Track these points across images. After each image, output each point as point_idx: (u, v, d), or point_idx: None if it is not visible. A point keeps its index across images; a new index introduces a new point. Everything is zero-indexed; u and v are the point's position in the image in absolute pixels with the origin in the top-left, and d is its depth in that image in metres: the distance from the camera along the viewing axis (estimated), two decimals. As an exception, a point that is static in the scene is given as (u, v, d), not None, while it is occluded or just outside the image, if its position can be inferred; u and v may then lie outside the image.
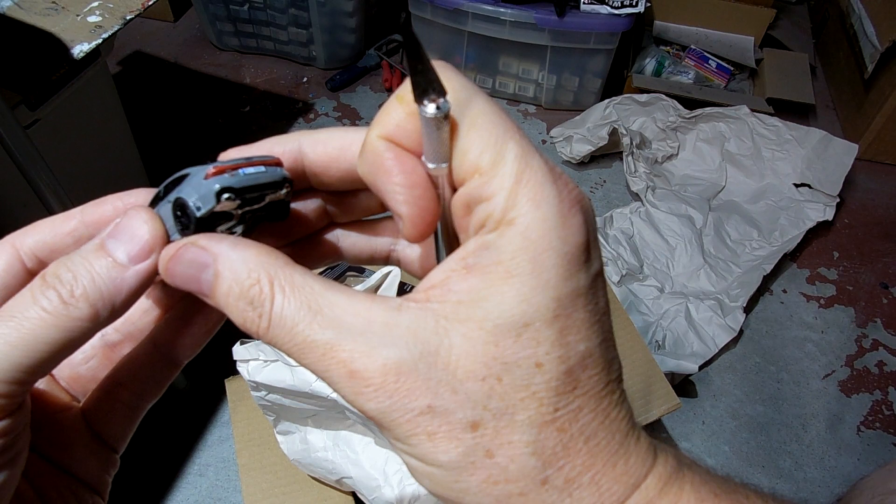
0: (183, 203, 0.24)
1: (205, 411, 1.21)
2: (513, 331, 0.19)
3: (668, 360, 1.21)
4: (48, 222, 0.26)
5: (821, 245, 1.61)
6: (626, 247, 1.47)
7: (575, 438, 0.20)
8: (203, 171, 0.24)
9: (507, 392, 0.19)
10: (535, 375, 0.20)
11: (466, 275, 0.20)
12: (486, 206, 0.20)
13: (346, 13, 1.80)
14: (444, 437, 0.20)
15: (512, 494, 0.20)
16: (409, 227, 0.21)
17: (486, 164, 0.20)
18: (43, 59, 0.92)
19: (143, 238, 0.23)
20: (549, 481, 0.20)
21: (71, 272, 0.22)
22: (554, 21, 1.62)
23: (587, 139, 1.68)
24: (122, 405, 0.27)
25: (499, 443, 0.20)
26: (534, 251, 0.19)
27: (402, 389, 0.19)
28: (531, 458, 0.20)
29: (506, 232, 0.20)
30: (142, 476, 1.13)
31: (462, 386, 0.19)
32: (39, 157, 0.85)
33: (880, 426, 1.29)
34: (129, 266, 0.23)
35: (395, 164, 0.21)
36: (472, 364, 0.19)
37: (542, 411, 0.20)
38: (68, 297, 0.22)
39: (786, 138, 1.63)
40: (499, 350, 0.19)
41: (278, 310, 0.21)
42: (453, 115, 0.20)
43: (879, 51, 1.66)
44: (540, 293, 0.19)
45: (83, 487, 0.26)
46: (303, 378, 0.59)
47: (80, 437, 0.27)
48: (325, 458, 0.66)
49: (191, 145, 1.70)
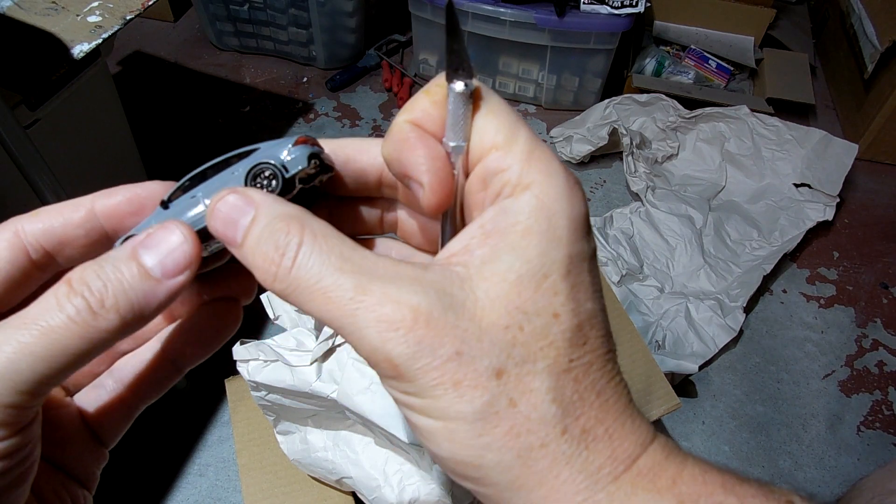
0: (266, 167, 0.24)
1: (205, 411, 1.21)
2: (533, 281, 0.21)
3: (668, 360, 1.21)
4: (55, 209, 0.25)
5: (821, 245, 1.61)
6: (626, 247, 1.47)
7: (588, 391, 0.21)
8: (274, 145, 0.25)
9: (528, 340, 0.21)
10: (553, 325, 0.21)
11: (486, 238, 0.21)
12: (503, 175, 0.22)
13: (346, 13, 1.80)
14: (470, 385, 0.20)
15: (534, 446, 0.21)
16: (430, 193, 0.22)
17: (501, 141, 0.22)
18: (43, 59, 0.92)
19: (180, 254, 0.23)
20: (568, 430, 0.21)
21: (101, 280, 0.22)
22: (554, 21, 1.62)
23: (587, 139, 1.68)
24: (120, 404, 0.27)
25: (521, 390, 0.20)
26: (548, 212, 0.21)
27: (430, 335, 0.20)
28: (552, 405, 0.21)
29: (522, 195, 0.22)
30: (142, 476, 1.12)
31: (487, 334, 0.20)
32: (39, 157, 0.85)
33: (880, 426, 1.29)
34: (161, 280, 0.22)
35: (420, 140, 0.23)
36: (497, 314, 0.20)
37: (559, 360, 0.21)
38: (97, 307, 0.21)
39: (786, 138, 1.63)
40: (521, 299, 0.21)
41: (306, 253, 0.21)
42: None
43: (879, 51, 1.66)
44: (555, 248, 0.21)
45: (72, 481, 0.26)
46: (303, 378, 0.59)
47: (77, 435, 0.27)
48: (325, 458, 0.66)
49: (191, 145, 1.70)
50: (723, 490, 0.21)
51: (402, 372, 0.20)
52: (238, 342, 0.63)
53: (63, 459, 0.26)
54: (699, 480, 0.21)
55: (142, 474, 1.13)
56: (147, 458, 1.14)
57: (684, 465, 0.22)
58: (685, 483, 0.21)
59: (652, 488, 0.21)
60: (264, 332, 1.30)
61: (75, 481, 0.26)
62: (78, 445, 0.27)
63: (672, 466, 0.22)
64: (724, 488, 0.21)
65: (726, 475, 0.22)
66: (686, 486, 0.21)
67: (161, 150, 1.64)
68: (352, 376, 0.58)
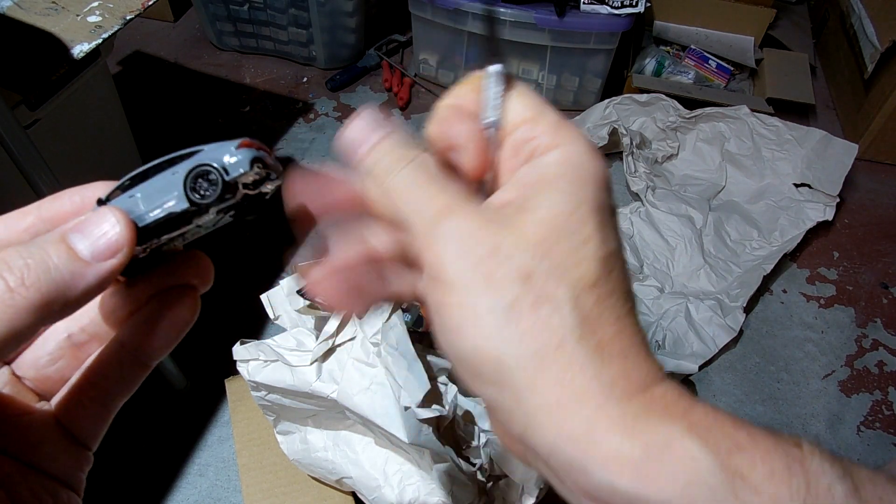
0: (206, 170, 0.24)
1: (205, 411, 1.21)
2: (566, 212, 0.23)
3: (668, 360, 1.21)
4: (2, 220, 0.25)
5: (821, 245, 1.61)
6: (626, 247, 1.47)
7: (608, 312, 0.23)
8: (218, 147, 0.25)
9: (561, 254, 0.23)
10: (585, 247, 0.23)
11: (524, 188, 0.24)
12: (532, 142, 0.25)
13: (346, 13, 1.80)
14: (500, 280, 0.22)
15: (550, 347, 0.22)
16: (474, 157, 0.26)
17: (531, 115, 0.26)
18: (43, 59, 0.92)
19: (112, 236, 0.23)
20: (584, 338, 0.22)
21: (23, 259, 0.21)
22: (554, 21, 1.62)
23: (587, 139, 1.68)
24: (92, 404, 0.27)
25: (545, 295, 0.22)
26: (576, 166, 0.24)
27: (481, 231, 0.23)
28: (571, 313, 0.22)
29: (551, 153, 0.25)
30: (142, 476, 1.12)
31: (524, 242, 0.23)
32: (39, 157, 0.85)
33: (880, 426, 1.29)
34: (91, 263, 0.22)
35: (461, 117, 0.26)
36: (535, 231, 0.23)
37: (585, 278, 0.23)
38: (16, 285, 0.21)
39: (786, 138, 1.63)
40: (556, 222, 0.23)
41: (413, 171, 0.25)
42: None
43: (879, 51, 1.66)
44: (584, 189, 0.24)
45: (57, 484, 0.26)
46: (303, 378, 0.59)
47: (51, 436, 0.26)
48: (325, 458, 0.66)
49: (191, 145, 1.70)
50: (733, 426, 0.22)
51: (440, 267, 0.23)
52: (238, 342, 0.63)
53: (40, 461, 0.26)
54: (711, 415, 0.22)
55: (142, 474, 1.13)
56: (147, 458, 1.14)
57: (696, 403, 0.23)
58: (698, 414, 0.22)
59: (664, 413, 0.22)
60: (264, 332, 1.30)
61: (60, 483, 0.26)
62: (53, 447, 0.26)
63: (684, 401, 0.22)
64: (734, 424, 0.22)
65: (736, 417, 0.22)
66: (699, 417, 0.22)
67: (161, 151, 1.62)
68: (352, 376, 0.58)
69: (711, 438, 0.21)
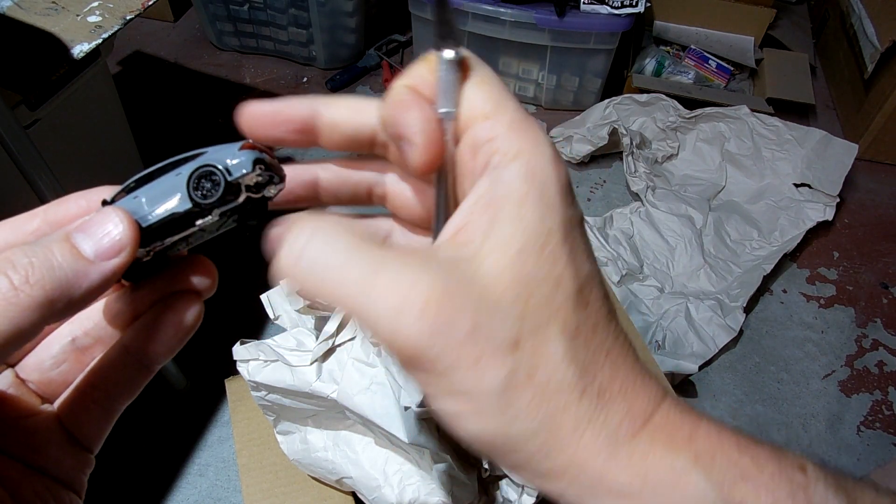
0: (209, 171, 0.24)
1: (205, 411, 1.21)
2: (534, 251, 0.21)
3: (667, 360, 1.21)
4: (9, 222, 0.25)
5: (821, 245, 1.61)
6: (626, 247, 1.47)
7: (598, 351, 0.22)
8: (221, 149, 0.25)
9: (537, 309, 0.21)
10: (557, 292, 0.21)
11: (485, 211, 0.22)
12: (491, 144, 0.22)
13: (346, 13, 1.80)
14: (489, 360, 0.20)
15: (556, 411, 0.21)
16: (422, 152, 0.23)
17: (490, 110, 0.23)
18: (43, 59, 0.92)
19: (115, 235, 0.23)
20: (586, 391, 0.21)
21: (27, 258, 0.21)
22: (554, 21, 1.62)
23: (587, 139, 1.68)
24: (95, 407, 0.27)
25: (538, 358, 0.21)
26: (538, 180, 0.22)
27: (443, 316, 0.20)
28: (569, 368, 0.21)
29: (512, 165, 0.22)
30: (142, 476, 1.13)
31: (498, 308, 0.21)
32: (39, 157, 0.85)
33: (880, 426, 1.29)
34: (94, 262, 0.22)
35: (414, 102, 0.24)
36: (504, 287, 0.21)
37: (568, 324, 0.21)
38: (21, 283, 0.21)
39: (786, 138, 1.63)
40: (526, 269, 0.21)
41: (317, 245, 0.22)
42: None
43: (879, 51, 1.66)
44: (550, 215, 0.22)
45: (59, 486, 0.26)
46: (303, 378, 0.59)
47: (54, 438, 0.27)
48: (325, 458, 0.66)
49: (191, 145, 1.69)
50: (737, 449, 0.21)
51: (421, 356, 0.20)
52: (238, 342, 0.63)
53: (43, 463, 0.26)
54: (715, 438, 0.22)
55: (142, 474, 1.13)
56: (147, 458, 1.14)
57: (699, 423, 0.22)
58: (701, 440, 0.22)
59: (669, 443, 0.21)
60: (264, 332, 1.30)
61: (62, 485, 0.26)
62: (55, 450, 0.26)
63: (687, 423, 0.22)
64: (738, 448, 0.21)
65: (741, 436, 0.22)
66: (702, 443, 0.21)
67: (161, 151, 1.63)
68: (352, 376, 0.58)
69: (716, 469, 0.21)
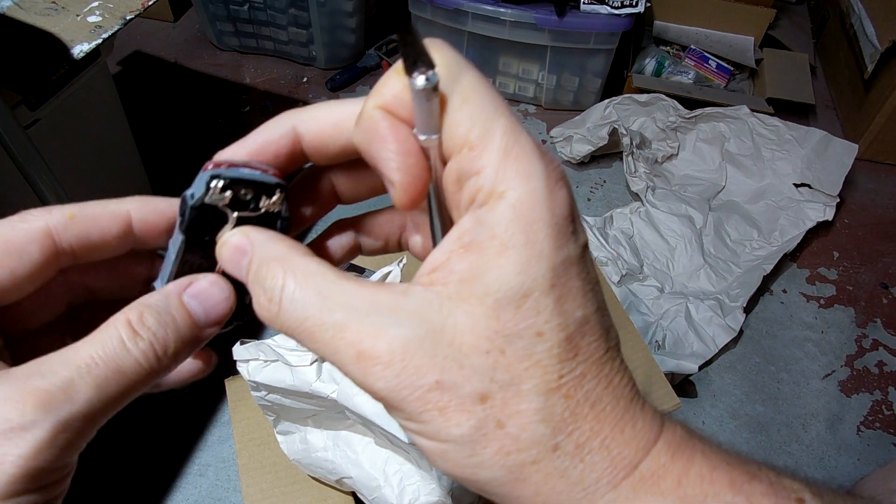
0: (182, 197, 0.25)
1: (205, 411, 1.21)
2: (512, 303, 0.20)
3: (668, 360, 1.21)
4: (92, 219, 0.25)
5: (821, 245, 1.61)
6: (626, 247, 1.47)
7: (581, 404, 0.21)
8: None
9: (511, 363, 0.20)
10: (537, 344, 0.20)
11: (465, 253, 0.20)
12: (476, 179, 0.20)
13: (346, 13, 1.80)
14: (455, 411, 0.20)
15: (525, 463, 0.20)
16: (401, 192, 0.21)
17: (475, 138, 0.20)
18: (43, 59, 0.92)
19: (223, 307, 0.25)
20: (560, 447, 0.20)
21: (163, 327, 0.23)
22: (554, 21, 1.62)
23: (587, 139, 1.68)
24: None
25: (508, 413, 0.20)
26: (525, 222, 0.20)
27: (409, 367, 0.20)
28: (540, 425, 0.20)
29: (497, 205, 0.20)
30: (142, 476, 1.13)
31: (468, 360, 0.20)
32: (39, 157, 0.85)
33: (880, 426, 1.29)
34: (204, 328, 0.24)
35: (390, 132, 0.21)
36: (476, 339, 0.20)
37: (546, 379, 0.20)
38: (162, 354, 0.22)
39: (786, 138, 1.63)
40: (500, 323, 0.20)
41: (289, 295, 0.21)
42: (443, 90, 0.20)
43: (879, 51, 1.66)
44: (535, 264, 0.20)
45: None
46: (303, 378, 0.59)
47: None
48: (325, 458, 0.66)
49: (191, 145, 1.70)
50: (730, 489, 0.21)
51: (389, 403, 0.21)
52: (238, 342, 0.62)
53: None
54: (706, 479, 0.21)
55: (142, 474, 1.13)
56: (147, 458, 1.14)
57: (691, 464, 0.21)
58: (691, 484, 0.21)
59: (655, 491, 0.21)
60: (264, 332, 1.30)
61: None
62: None
63: (677, 467, 0.21)
64: (731, 487, 0.21)
65: (736, 471, 0.21)
66: (691, 488, 0.21)
67: (161, 150, 1.64)
68: (352, 376, 0.58)
69: None
